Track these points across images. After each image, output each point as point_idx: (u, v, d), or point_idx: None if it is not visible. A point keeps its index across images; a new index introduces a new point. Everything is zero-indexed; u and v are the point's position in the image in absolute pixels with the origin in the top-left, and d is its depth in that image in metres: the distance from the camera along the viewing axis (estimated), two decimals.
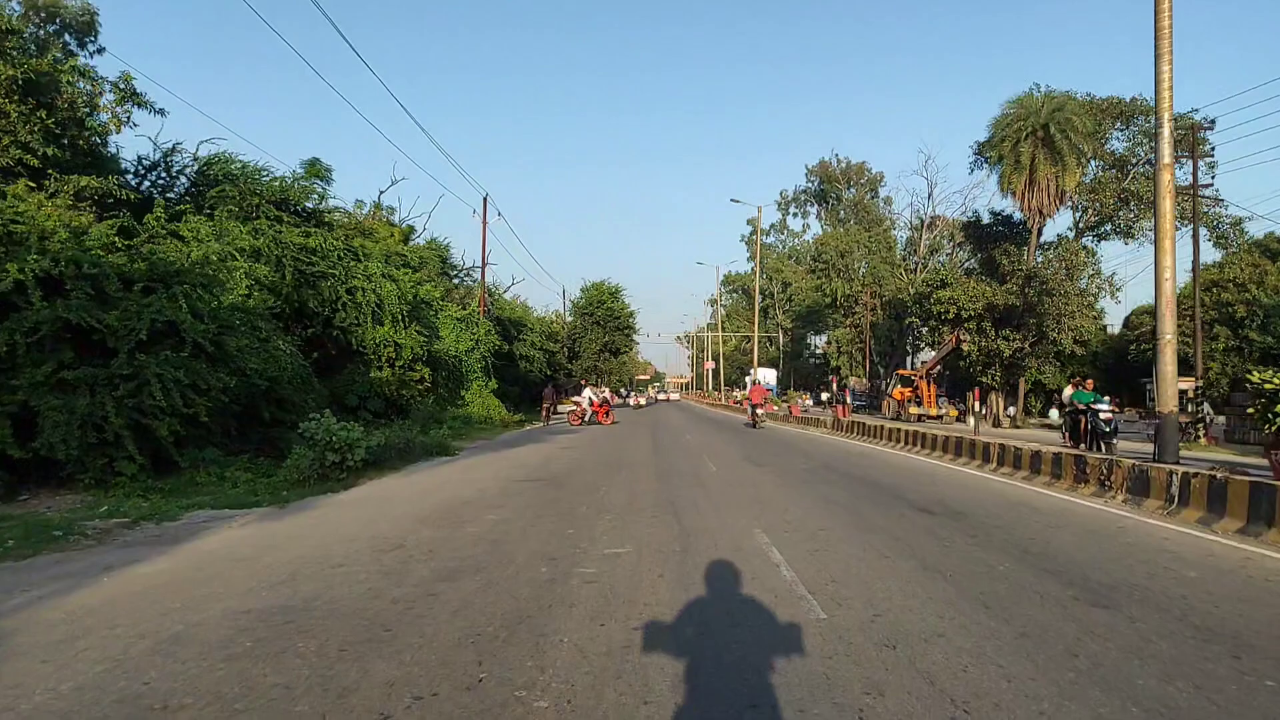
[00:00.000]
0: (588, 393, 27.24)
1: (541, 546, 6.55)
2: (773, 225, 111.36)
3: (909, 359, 60.49)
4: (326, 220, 22.75)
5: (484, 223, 31.36)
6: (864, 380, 52.65)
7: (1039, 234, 35.79)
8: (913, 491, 10.14)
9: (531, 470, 12.79)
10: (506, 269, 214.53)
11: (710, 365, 67.51)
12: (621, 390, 65.05)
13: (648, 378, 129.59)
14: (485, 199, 34.53)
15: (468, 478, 11.97)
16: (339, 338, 19.44)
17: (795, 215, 64.52)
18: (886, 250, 56.92)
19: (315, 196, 22.08)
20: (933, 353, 37.89)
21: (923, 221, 56.80)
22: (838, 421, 24.01)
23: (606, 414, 26.42)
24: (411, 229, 35.61)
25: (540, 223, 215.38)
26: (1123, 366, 37.67)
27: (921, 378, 36.02)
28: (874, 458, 15.45)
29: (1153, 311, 16.91)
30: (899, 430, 18.58)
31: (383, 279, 20.53)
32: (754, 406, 25.49)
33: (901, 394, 36.40)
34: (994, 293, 31.18)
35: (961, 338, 31.80)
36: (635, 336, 51.43)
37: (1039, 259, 34.82)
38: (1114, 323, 44.40)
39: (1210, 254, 37.86)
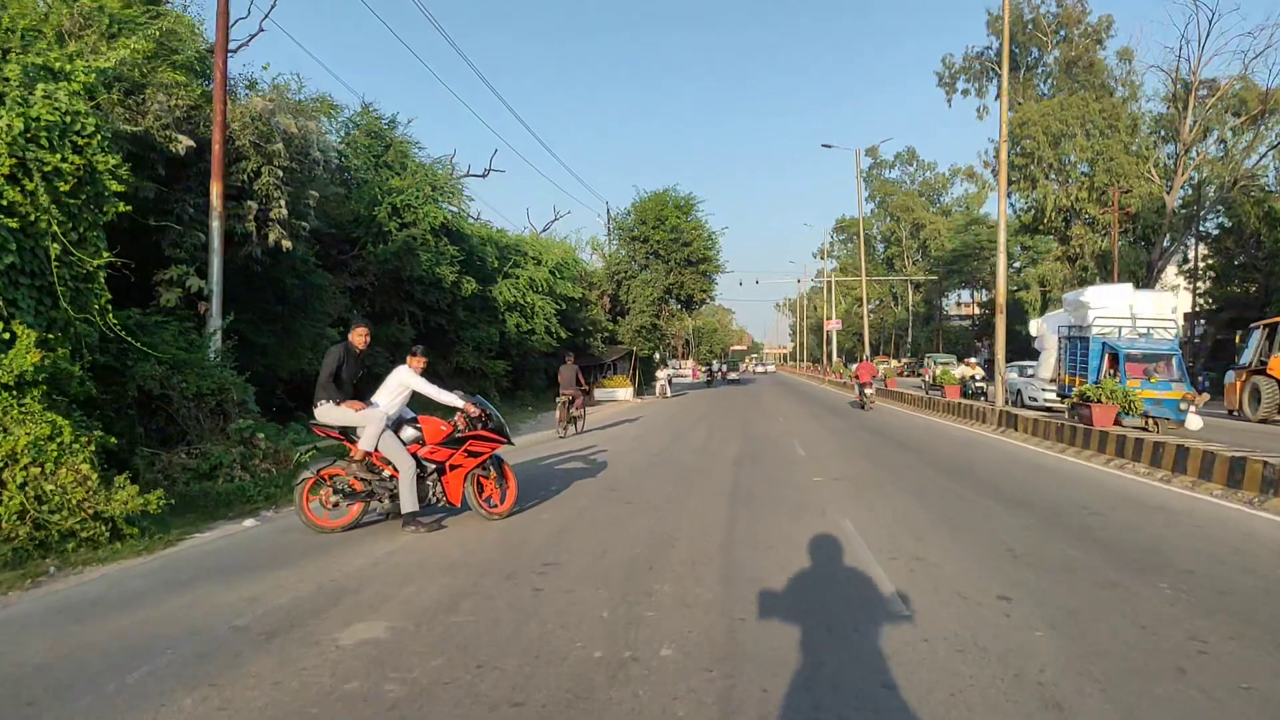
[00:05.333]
0: (406, 383, 6.42)
1: None
2: (898, 155, 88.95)
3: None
4: None
5: None
6: None
7: None
8: None
9: None
10: (539, 194, 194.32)
11: (833, 324, 47.00)
12: (714, 363, 48.49)
13: (744, 348, 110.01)
14: None
15: None
16: None
17: (967, 93, 42.91)
18: (1129, 133, 35.14)
19: None
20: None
21: (1187, 87, 34.59)
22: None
23: (497, 476, 6.62)
24: None
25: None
26: None
27: None
28: None
29: None
30: None
31: None
32: (861, 386, 21.84)
33: None
34: None
35: None
36: (718, 278, 31.35)
37: None
38: None
39: None
